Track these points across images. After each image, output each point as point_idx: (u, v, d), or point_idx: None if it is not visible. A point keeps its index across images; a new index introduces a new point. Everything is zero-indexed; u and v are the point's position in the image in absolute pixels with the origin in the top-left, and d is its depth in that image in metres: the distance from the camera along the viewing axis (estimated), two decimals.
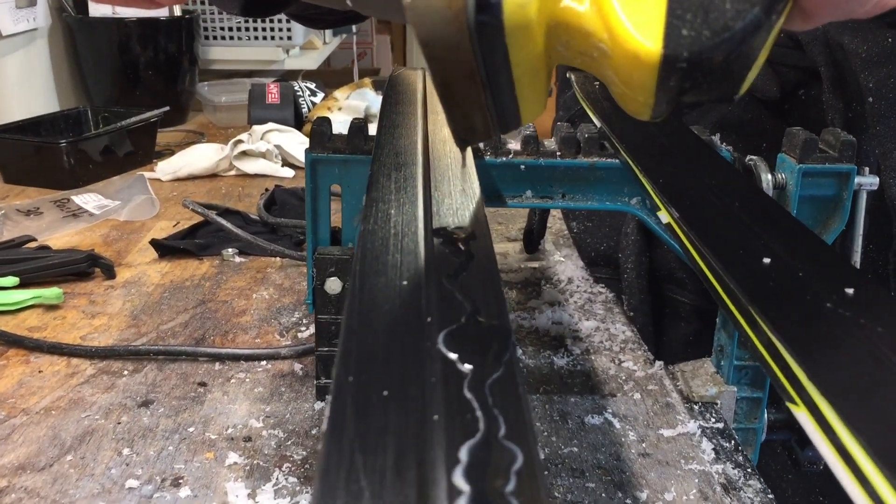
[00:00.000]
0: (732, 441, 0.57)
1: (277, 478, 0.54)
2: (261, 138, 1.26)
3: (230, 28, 1.72)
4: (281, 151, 1.26)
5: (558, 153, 0.58)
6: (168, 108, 1.34)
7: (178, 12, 1.54)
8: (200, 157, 1.22)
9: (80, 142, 1.16)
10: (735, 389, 0.62)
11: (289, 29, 1.72)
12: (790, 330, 0.29)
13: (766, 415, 0.63)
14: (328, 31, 2.08)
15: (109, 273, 0.85)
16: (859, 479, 0.23)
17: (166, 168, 1.21)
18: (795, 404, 0.28)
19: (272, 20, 1.71)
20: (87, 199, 1.06)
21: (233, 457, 0.56)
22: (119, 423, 0.60)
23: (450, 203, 0.41)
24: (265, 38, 1.73)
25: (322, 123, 0.58)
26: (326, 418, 0.23)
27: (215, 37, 1.72)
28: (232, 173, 1.23)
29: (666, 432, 0.59)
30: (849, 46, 0.66)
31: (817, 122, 0.73)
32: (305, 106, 1.46)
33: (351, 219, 0.60)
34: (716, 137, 0.59)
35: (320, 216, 0.60)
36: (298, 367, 0.68)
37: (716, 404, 0.62)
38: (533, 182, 0.59)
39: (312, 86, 1.51)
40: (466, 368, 0.26)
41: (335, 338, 0.61)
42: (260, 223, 0.99)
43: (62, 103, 1.50)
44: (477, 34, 0.31)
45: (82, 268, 0.84)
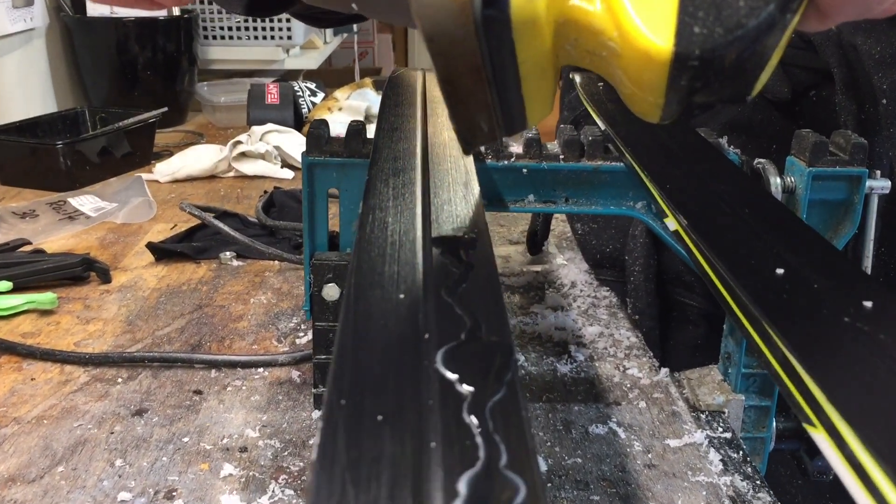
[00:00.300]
0: (741, 452, 0.56)
1: (274, 490, 0.52)
2: (260, 139, 1.24)
3: (230, 28, 1.70)
4: (280, 152, 1.24)
5: (561, 156, 0.57)
6: (166, 109, 1.32)
7: (177, 12, 1.52)
8: (199, 159, 1.21)
9: (77, 143, 1.15)
10: (743, 398, 0.60)
11: (289, 28, 1.71)
12: (807, 346, 0.28)
13: (775, 424, 0.62)
14: (329, 31, 2.07)
15: (105, 277, 0.83)
16: None
17: (164, 169, 1.19)
18: (813, 426, 0.26)
19: (272, 19, 1.70)
20: (84, 202, 1.05)
21: (228, 468, 0.54)
22: (112, 433, 0.58)
23: (449, 210, 0.40)
24: (265, 38, 1.72)
25: (319, 126, 0.56)
26: (316, 446, 0.21)
27: (214, 36, 1.71)
28: (231, 175, 1.22)
29: (672, 442, 0.57)
30: (862, 47, 0.65)
31: (828, 124, 0.72)
32: (305, 106, 1.44)
33: (349, 223, 0.59)
34: (723, 140, 0.58)
35: (318, 221, 0.59)
36: (296, 375, 0.66)
37: (723, 413, 0.60)
38: (535, 186, 0.58)
39: (312, 86, 1.49)
40: (466, 390, 0.25)
41: (333, 345, 0.60)
42: (258, 226, 0.97)
43: (60, 104, 1.49)
44: (483, 29, 0.30)
45: (77, 272, 0.82)
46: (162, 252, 0.90)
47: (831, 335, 0.29)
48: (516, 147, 0.57)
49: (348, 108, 1.37)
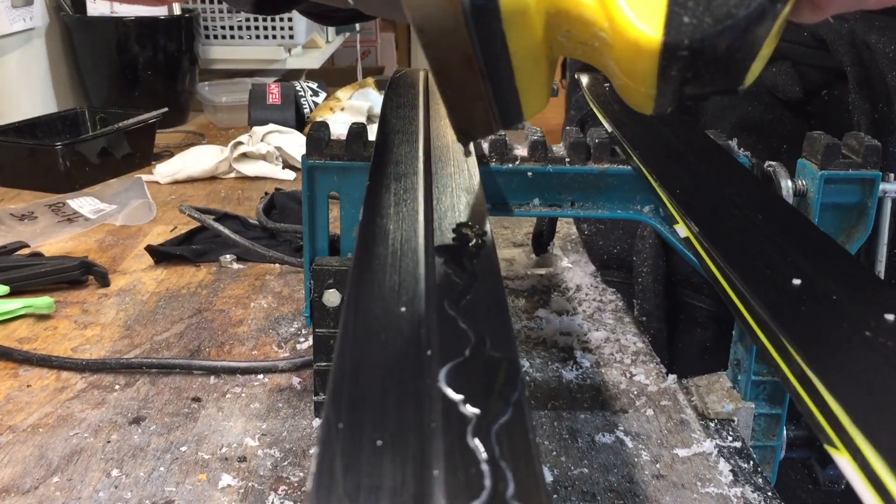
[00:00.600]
0: (751, 462, 0.55)
1: (273, 501, 0.51)
2: (261, 140, 1.23)
3: (231, 27, 1.69)
4: (282, 153, 1.23)
5: (567, 159, 0.56)
6: (167, 109, 1.31)
7: (178, 11, 1.51)
8: (199, 160, 1.19)
9: (77, 144, 1.14)
10: (753, 406, 0.59)
11: (290, 28, 1.69)
12: (827, 363, 0.27)
13: (786, 432, 0.60)
14: (331, 30, 2.06)
15: (103, 281, 0.82)
16: None
17: (165, 170, 1.18)
18: (836, 448, 0.25)
19: (274, 18, 1.68)
20: (83, 203, 1.04)
21: (226, 479, 0.53)
22: (109, 442, 0.57)
23: (452, 217, 0.38)
24: (267, 38, 1.71)
25: (319, 129, 0.55)
26: (312, 474, 0.20)
27: (216, 36, 1.69)
28: (232, 176, 1.21)
29: (681, 452, 0.56)
30: (876, 45, 0.63)
31: (840, 124, 0.70)
32: (307, 106, 1.43)
33: (350, 228, 0.58)
34: (733, 142, 0.57)
35: (318, 225, 0.58)
36: (296, 381, 0.65)
37: (732, 421, 0.59)
38: (541, 189, 0.56)
39: (314, 86, 1.48)
40: (471, 411, 0.23)
41: (334, 352, 0.58)
42: (259, 228, 0.96)
43: (60, 104, 1.48)
44: (473, 19, 0.30)
45: (75, 275, 0.81)
46: (161, 255, 0.88)
47: (853, 351, 0.27)
48: (521, 150, 0.56)
49: (350, 109, 1.36)
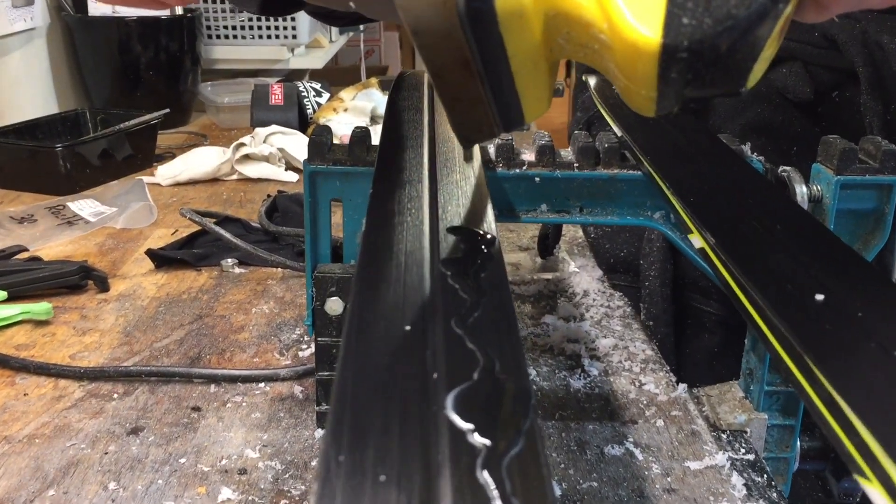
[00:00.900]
0: (765, 475, 0.53)
1: None
2: (263, 141, 1.22)
3: (233, 27, 1.68)
4: (284, 155, 1.22)
5: (576, 164, 0.54)
6: (168, 110, 1.30)
7: (180, 11, 1.50)
8: (201, 161, 1.18)
9: (77, 145, 1.13)
10: (766, 417, 0.58)
11: (294, 28, 1.68)
12: (858, 389, 0.25)
13: (799, 443, 0.59)
14: (335, 30, 2.04)
15: (103, 286, 0.81)
16: None
17: (166, 172, 1.17)
18: (867, 479, 0.23)
19: (276, 18, 1.67)
20: (84, 206, 1.03)
21: (226, 492, 0.52)
22: (106, 454, 0.56)
23: (458, 227, 0.37)
24: (269, 37, 1.69)
25: (321, 133, 0.54)
26: None
27: (218, 36, 1.68)
28: (234, 177, 1.20)
29: (692, 465, 0.54)
30: (889, 46, 0.62)
31: (852, 126, 0.69)
32: (310, 107, 1.42)
33: (353, 234, 0.56)
34: (746, 146, 0.55)
35: (320, 231, 0.56)
36: (298, 390, 0.64)
37: (745, 433, 0.57)
38: (548, 195, 0.55)
39: (318, 86, 1.47)
40: (480, 442, 0.22)
41: (336, 361, 0.57)
42: (261, 231, 0.95)
43: (61, 105, 1.47)
44: (468, 22, 0.29)
45: (74, 280, 0.80)
46: (162, 259, 0.87)
47: (883, 375, 0.26)
48: (528, 154, 0.54)
49: (354, 109, 1.35)
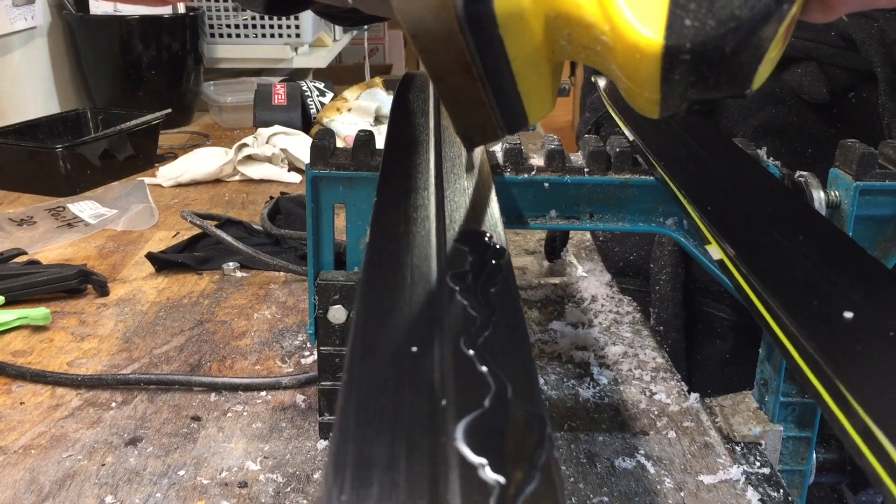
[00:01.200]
0: (781, 490, 0.52)
1: None
2: (266, 142, 1.20)
3: (236, 25, 1.66)
4: (287, 155, 1.20)
5: (586, 169, 0.52)
6: (170, 110, 1.29)
7: (182, 9, 1.48)
8: (203, 162, 1.17)
9: (78, 146, 1.11)
10: (781, 429, 0.56)
11: (297, 27, 1.66)
12: (891, 414, 0.24)
13: (815, 456, 0.57)
14: (338, 29, 2.03)
15: (102, 290, 0.79)
16: None
17: (168, 173, 1.16)
18: None
19: (280, 17, 1.65)
20: (84, 208, 1.01)
21: None
22: (103, 465, 0.54)
23: (467, 237, 0.35)
24: (273, 36, 1.68)
25: (324, 137, 0.52)
26: None
27: (221, 34, 1.66)
28: (236, 178, 1.18)
29: (706, 479, 0.53)
30: None
31: (868, 127, 0.67)
32: (314, 107, 1.40)
33: (356, 240, 0.55)
34: (762, 151, 0.53)
35: (323, 237, 0.55)
36: (301, 399, 0.62)
37: (760, 445, 0.56)
38: (558, 201, 0.53)
39: (321, 86, 1.45)
40: (493, 478, 0.20)
41: (339, 371, 0.56)
42: (263, 234, 0.93)
43: (63, 104, 1.45)
44: (467, 24, 0.29)
45: (73, 284, 0.78)
46: (162, 262, 0.86)
47: None
48: (537, 159, 0.53)
49: (358, 109, 1.33)
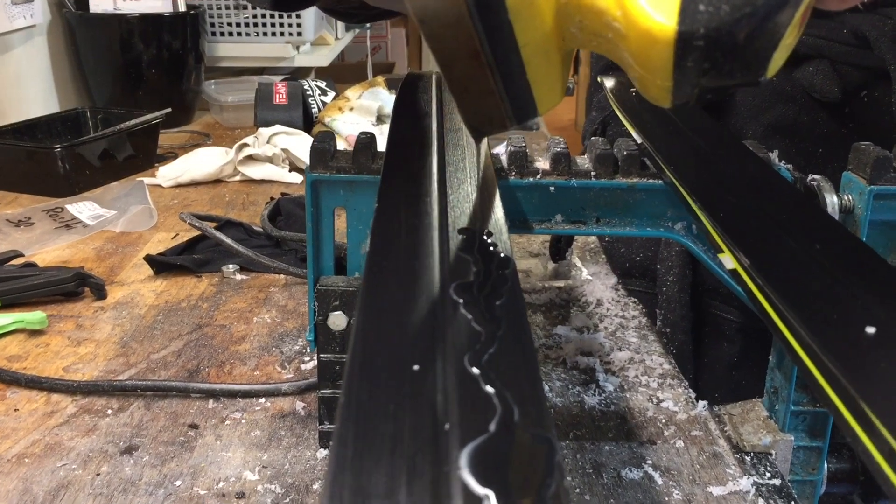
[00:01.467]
0: (792, 502, 0.50)
1: None
2: (267, 142, 1.19)
3: (238, 24, 1.65)
4: (288, 155, 1.19)
5: (593, 173, 0.51)
6: (170, 110, 1.27)
7: (183, 7, 1.47)
8: (203, 162, 1.15)
9: (77, 146, 1.10)
10: (792, 438, 0.55)
11: (299, 25, 1.65)
12: None
13: (826, 466, 0.56)
14: (340, 27, 2.01)
15: (99, 293, 0.78)
16: None
17: (167, 173, 1.14)
18: None
19: (282, 15, 1.64)
20: (82, 209, 1.00)
21: None
22: (98, 475, 0.53)
23: (471, 247, 0.34)
24: (274, 34, 1.67)
25: (324, 140, 0.51)
26: None
27: (222, 33, 1.65)
28: (236, 179, 1.17)
29: (715, 490, 0.51)
30: None
31: (881, 127, 0.66)
32: (315, 106, 1.39)
33: (357, 245, 0.54)
34: (773, 154, 0.52)
35: (323, 242, 0.54)
36: (300, 406, 0.61)
37: (770, 455, 0.55)
38: (563, 205, 0.52)
39: (323, 84, 1.44)
40: None
41: (339, 378, 0.54)
42: (264, 236, 0.92)
43: (62, 104, 1.44)
44: (476, 9, 0.29)
45: (70, 288, 0.77)
46: (161, 265, 0.85)
47: None
48: (542, 162, 0.51)
49: (360, 109, 1.32)
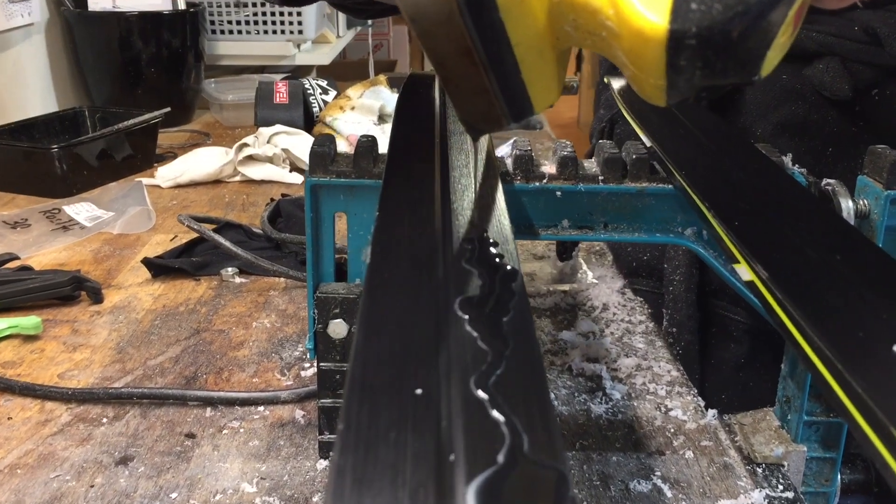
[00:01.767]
0: None
1: None
2: (267, 141, 1.17)
3: (238, 21, 1.64)
4: (289, 155, 1.18)
5: (601, 177, 0.50)
6: (169, 109, 1.26)
7: (182, 5, 1.45)
8: (203, 162, 1.14)
9: (74, 146, 1.09)
10: (805, 449, 0.53)
11: (300, 23, 1.63)
12: None
13: (840, 477, 0.54)
14: (342, 25, 2.00)
15: (96, 297, 0.77)
16: None
17: (166, 174, 1.13)
18: None
19: (282, 13, 1.63)
20: (80, 210, 0.99)
21: None
22: (92, 486, 0.52)
23: (475, 258, 0.33)
24: (275, 32, 1.65)
25: (323, 143, 0.49)
26: None
27: (222, 31, 1.64)
28: (236, 179, 1.15)
29: (726, 503, 0.50)
30: None
31: (892, 126, 0.65)
32: (317, 105, 1.38)
33: (358, 251, 0.52)
34: (787, 158, 0.51)
35: (323, 248, 0.52)
36: (300, 415, 0.60)
37: (782, 466, 0.53)
38: (570, 210, 0.50)
39: (324, 83, 1.42)
40: None
41: (339, 388, 0.53)
42: (263, 238, 0.91)
43: (61, 103, 1.43)
44: (467, 7, 0.28)
45: (66, 291, 0.76)
46: (159, 268, 0.83)
47: None
48: (548, 166, 0.50)
49: (361, 108, 1.30)
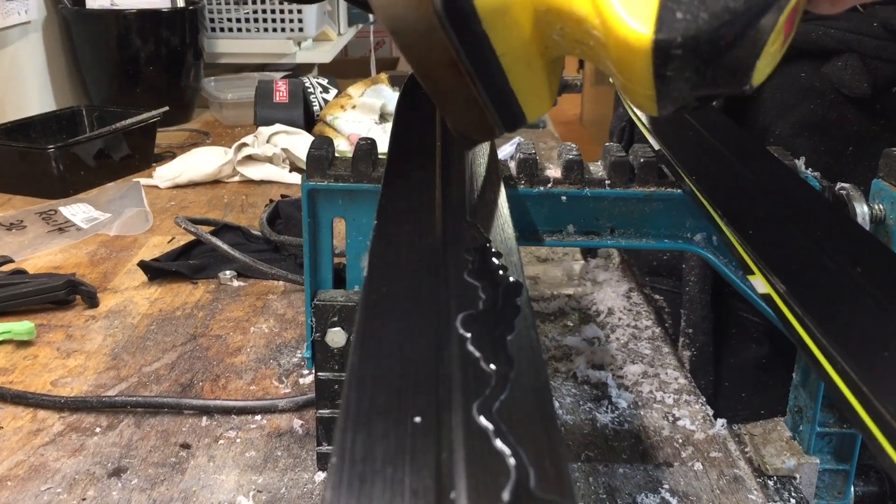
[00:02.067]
0: None
1: None
2: (267, 141, 1.16)
3: (238, 19, 1.62)
4: (289, 155, 1.16)
5: (607, 181, 0.48)
6: (168, 109, 1.24)
7: (182, 3, 1.44)
8: (201, 162, 1.12)
9: (71, 146, 1.07)
10: (817, 461, 0.52)
11: (300, 20, 1.62)
12: None
13: (853, 489, 0.53)
14: (343, 22, 1.98)
15: (91, 301, 0.75)
16: None
17: (165, 174, 1.11)
18: None
19: (282, 10, 1.61)
20: (76, 211, 0.97)
21: None
22: (84, 500, 0.50)
23: (478, 270, 0.31)
24: (275, 30, 1.63)
25: (321, 146, 0.48)
26: None
27: (222, 29, 1.62)
28: (235, 179, 1.14)
29: None
30: None
31: None
32: (317, 104, 1.36)
33: (357, 257, 0.51)
34: (800, 161, 0.49)
35: (321, 254, 0.51)
36: (298, 424, 0.58)
37: (794, 479, 0.52)
38: (576, 215, 0.49)
39: (324, 82, 1.40)
40: None
41: (338, 398, 0.51)
42: (262, 240, 0.89)
43: (59, 102, 1.41)
44: (448, 20, 0.28)
45: (60, 296, 0.74)
46: (155, 271, 0.82)
47: None
48: (554, 171, 0.48)
49: (362, 107, 1.29)
